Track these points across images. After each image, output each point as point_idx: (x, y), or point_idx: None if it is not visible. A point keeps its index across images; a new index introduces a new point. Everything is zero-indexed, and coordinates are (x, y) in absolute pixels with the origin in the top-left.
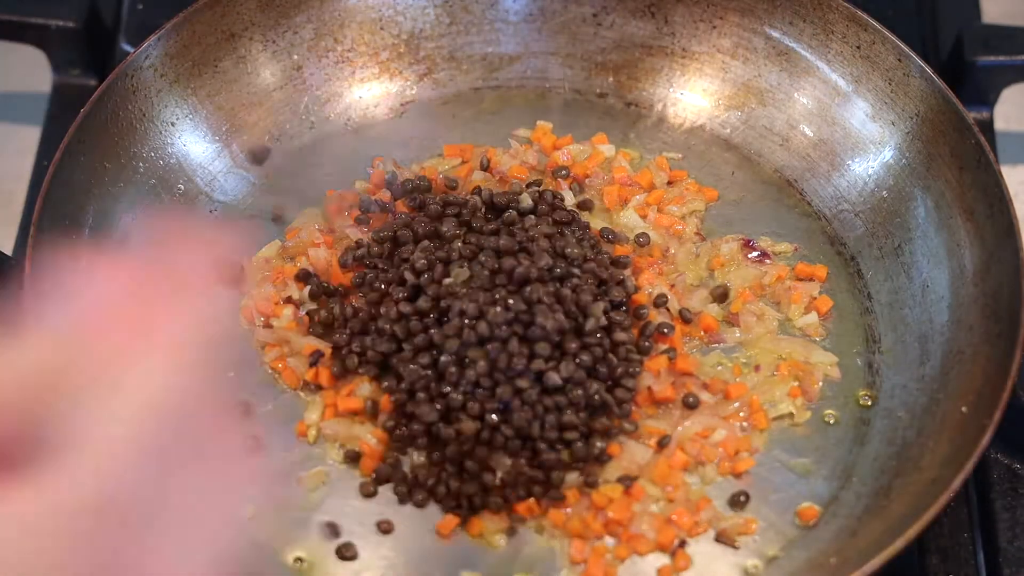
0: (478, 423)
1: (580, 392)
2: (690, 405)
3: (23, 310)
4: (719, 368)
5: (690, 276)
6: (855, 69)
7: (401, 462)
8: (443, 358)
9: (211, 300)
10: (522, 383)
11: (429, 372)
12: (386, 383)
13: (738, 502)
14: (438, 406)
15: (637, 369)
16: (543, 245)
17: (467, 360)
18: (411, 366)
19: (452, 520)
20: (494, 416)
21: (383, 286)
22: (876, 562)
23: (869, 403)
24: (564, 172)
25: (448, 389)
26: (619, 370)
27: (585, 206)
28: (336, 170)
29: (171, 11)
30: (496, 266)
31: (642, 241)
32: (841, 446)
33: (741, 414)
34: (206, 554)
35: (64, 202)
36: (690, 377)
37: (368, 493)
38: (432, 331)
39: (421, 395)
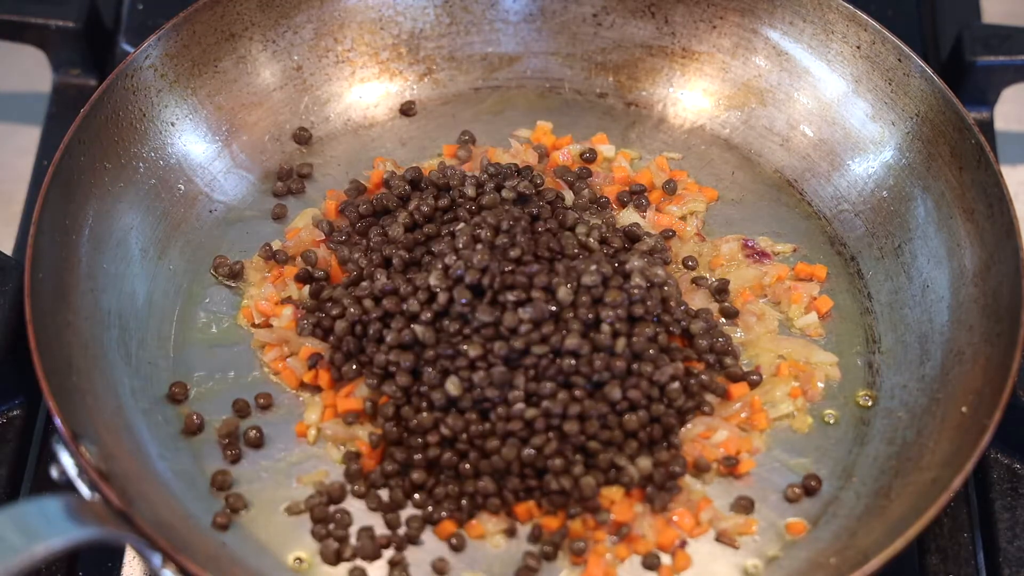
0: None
1: (643, 415)
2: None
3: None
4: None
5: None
6: (855, 69)
7: (400, 463)
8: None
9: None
10: (582, 393)
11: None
12: (384, 387)
13: (740, 507)
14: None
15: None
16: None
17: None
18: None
19: (451, 522)
20: (551, 420)
21: (363, 262)
22: (876, 562)
23: (869, 403)
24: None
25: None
26: (688, 405)
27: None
28: (336, 170)
29: (171, 11)
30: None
31: (667, 235)
32: (841, 446)
33: (742, 415)
34: None
35: (64, 202)
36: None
37: (365, 494)
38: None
39: (416, 400)
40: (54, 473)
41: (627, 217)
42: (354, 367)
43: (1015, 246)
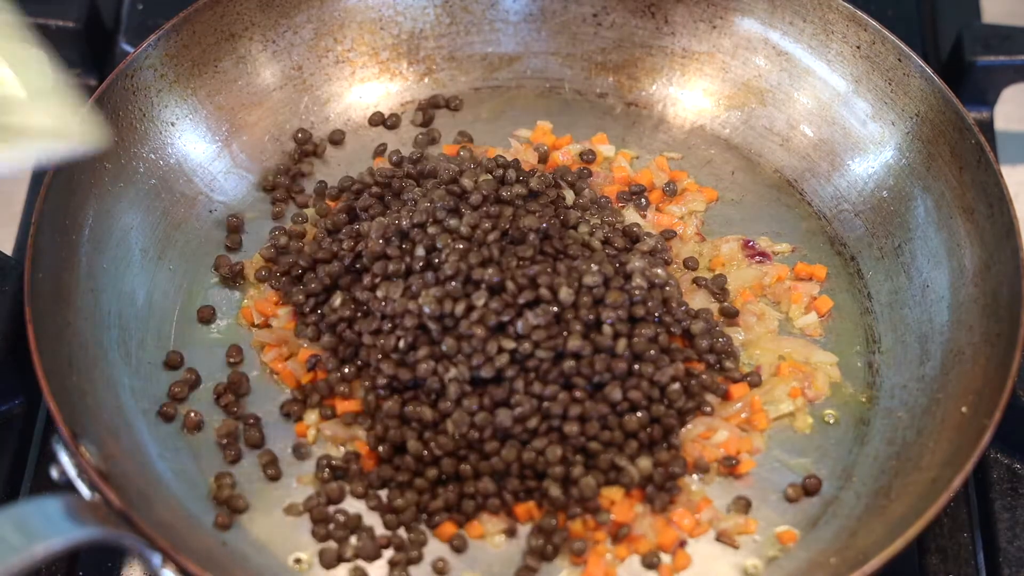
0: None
1: (644, 416)
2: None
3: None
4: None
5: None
6: (855, 69)
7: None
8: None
9: None
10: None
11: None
12: (375, 415)
13: (740, 507)
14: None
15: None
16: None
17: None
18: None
19: (451, 523)
20: (553, 419)
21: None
22: (876, 562)
23: (869, 403)
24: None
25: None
26: (688, 406)
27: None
28: (336, 170)
29: (171, 11)
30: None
31: (668, 235)
32: (841, 446)
33: (743, 415)
34: None
35: (64, 202)
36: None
37: (363, 494)
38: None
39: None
40: (54, 473)
41: (627, 217)
42: (348, 370)
43: (1015, 246)
